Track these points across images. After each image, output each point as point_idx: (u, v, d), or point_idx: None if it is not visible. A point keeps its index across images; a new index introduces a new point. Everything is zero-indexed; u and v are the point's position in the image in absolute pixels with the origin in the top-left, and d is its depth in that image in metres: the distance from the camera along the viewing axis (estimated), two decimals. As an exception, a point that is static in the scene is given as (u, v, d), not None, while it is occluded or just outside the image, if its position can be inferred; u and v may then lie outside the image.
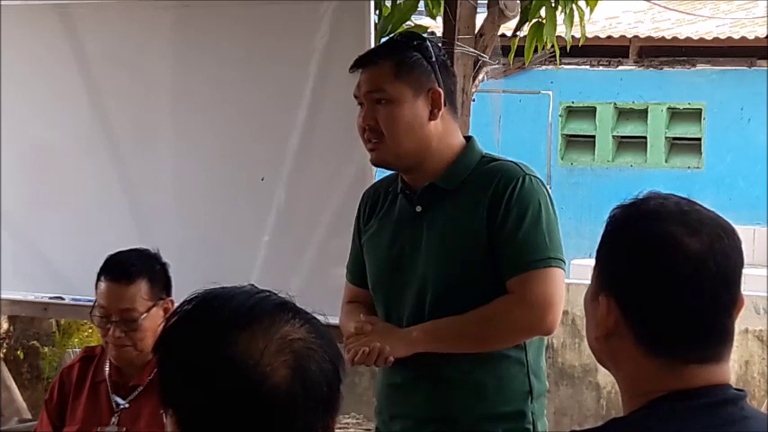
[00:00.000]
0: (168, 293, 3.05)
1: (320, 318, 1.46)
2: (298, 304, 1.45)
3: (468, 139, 2.80)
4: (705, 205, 1.61)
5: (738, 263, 1.57)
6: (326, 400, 1.40)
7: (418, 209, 2.74)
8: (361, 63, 2.77)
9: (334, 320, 2.82)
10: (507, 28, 5.71)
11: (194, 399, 1.37)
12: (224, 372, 1.36)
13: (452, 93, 2.78)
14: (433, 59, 2.73)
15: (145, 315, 2.96)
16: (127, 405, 3.01)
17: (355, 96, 2.78)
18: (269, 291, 1.44)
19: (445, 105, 2.73)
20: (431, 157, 2.73)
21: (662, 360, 1.54)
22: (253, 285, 1.45)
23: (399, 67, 2.71)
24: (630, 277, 1.56)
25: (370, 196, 2.92)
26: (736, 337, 1.60)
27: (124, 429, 2.99)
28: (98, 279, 3.02)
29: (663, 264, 1.54)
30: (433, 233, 2.71)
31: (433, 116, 2.71)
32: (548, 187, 2.74)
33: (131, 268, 2.99)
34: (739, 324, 1.58)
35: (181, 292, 3.05)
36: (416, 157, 2.72)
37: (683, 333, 1.54)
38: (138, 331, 2.96)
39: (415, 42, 2.76)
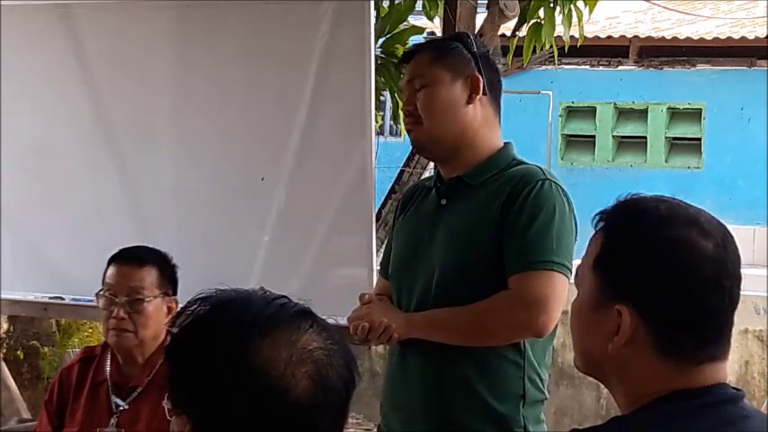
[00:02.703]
0: (174, 292, 3.09)
1: (331, 321, 1.47)
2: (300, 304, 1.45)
3: (506, 143, 2.83)
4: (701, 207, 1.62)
5: (740, 263, 1.59)
6: (343, 403, 1.42)
7: (443, 201, 2.78)
8: (405, 56, 2.87)
9: (344, 322, 2.82)
10: (507, 28, 5.71)
11: (213, 405, 1.36)
12: (246, 380, 1.35)
13: (495, 87, 2.80)
14: (474, 50, 2.77)
15: (150, 299, 3.00)
16: (126, 406, 3.01)
17: (401, 90, 2.88)
18: (285, 297, 1.44)
19: (485, 94, 2.75)
20: (467, 148, 2.75)
21: (676, 362, 1.53)
22: (263, 289, 1.44)
23: (437, 53, 2.78)
24: (649, 283, 1.54)
25: (408, 192, 2.99)
26: (735, 337, 1.61)
27: (123, 431, 2.99)
28: (108, 265, 3.07)
29: (683, 267, 1.53)
30: (449, 226, 2.74)
31: (470, 100, 2.74)
32: (569, 196, 2.72)
33: (144, 255, 3.07)
34: (739, 324, 1.59)
35: (181, 292, 3.08)
36: (452, 143, 2.74)
37: (705, 333, 1.54)
38: (141, 315, 2.99)
39: (458, 36, 2.85)
